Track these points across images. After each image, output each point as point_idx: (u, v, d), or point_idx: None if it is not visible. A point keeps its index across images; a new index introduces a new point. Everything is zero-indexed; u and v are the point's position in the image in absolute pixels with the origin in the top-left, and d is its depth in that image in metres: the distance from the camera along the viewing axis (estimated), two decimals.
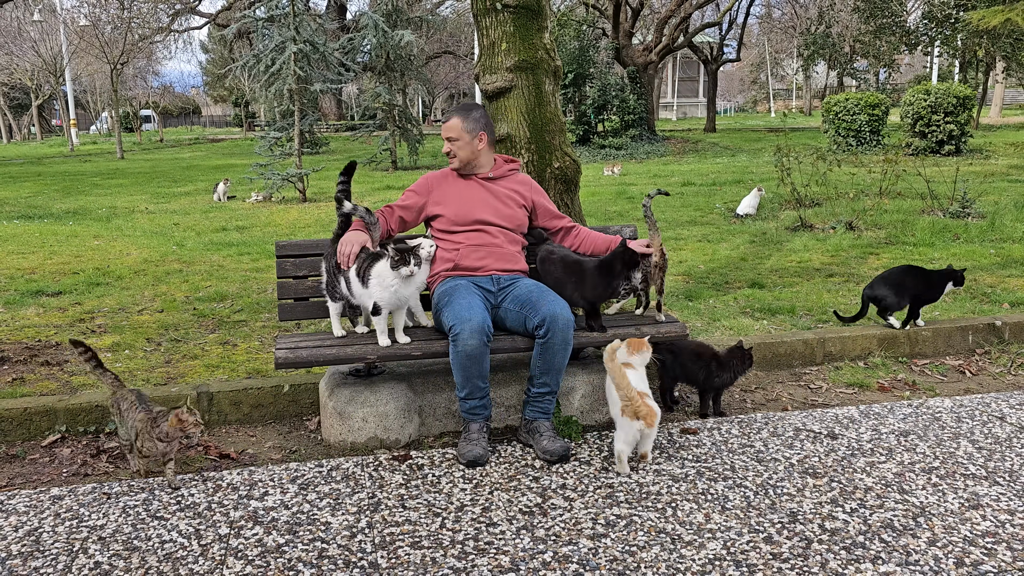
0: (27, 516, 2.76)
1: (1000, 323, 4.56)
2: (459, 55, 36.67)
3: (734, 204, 9.50)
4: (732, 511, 2.72)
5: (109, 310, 5.27)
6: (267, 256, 7.02)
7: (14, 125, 42.68)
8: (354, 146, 23.81)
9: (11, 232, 8.89)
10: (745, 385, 4.04)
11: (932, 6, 22.17)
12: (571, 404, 3.51)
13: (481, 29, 4.41)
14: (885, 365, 4.28)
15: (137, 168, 19.72)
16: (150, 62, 42.10)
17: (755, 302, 5.11)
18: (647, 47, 22.76)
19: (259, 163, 12.70)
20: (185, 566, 2.44)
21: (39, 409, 3.42)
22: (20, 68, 35.95)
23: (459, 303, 3.14)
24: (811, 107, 44.46)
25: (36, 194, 13.63)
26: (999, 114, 36.10)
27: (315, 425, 3.55)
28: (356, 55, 18.53)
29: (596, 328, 3.38)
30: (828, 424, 3.48)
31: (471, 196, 3.45)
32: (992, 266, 6.10)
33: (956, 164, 10.72)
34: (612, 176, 14.12)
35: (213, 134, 41.73)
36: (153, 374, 3.96)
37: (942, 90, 15.81)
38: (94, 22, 27.14)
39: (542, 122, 4.35)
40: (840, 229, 7.70)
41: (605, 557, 2.45)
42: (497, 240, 3.42)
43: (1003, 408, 3.66)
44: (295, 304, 3.54)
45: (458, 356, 3.08)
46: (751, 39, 46.21)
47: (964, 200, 8.29)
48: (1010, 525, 2.62)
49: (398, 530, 2.63)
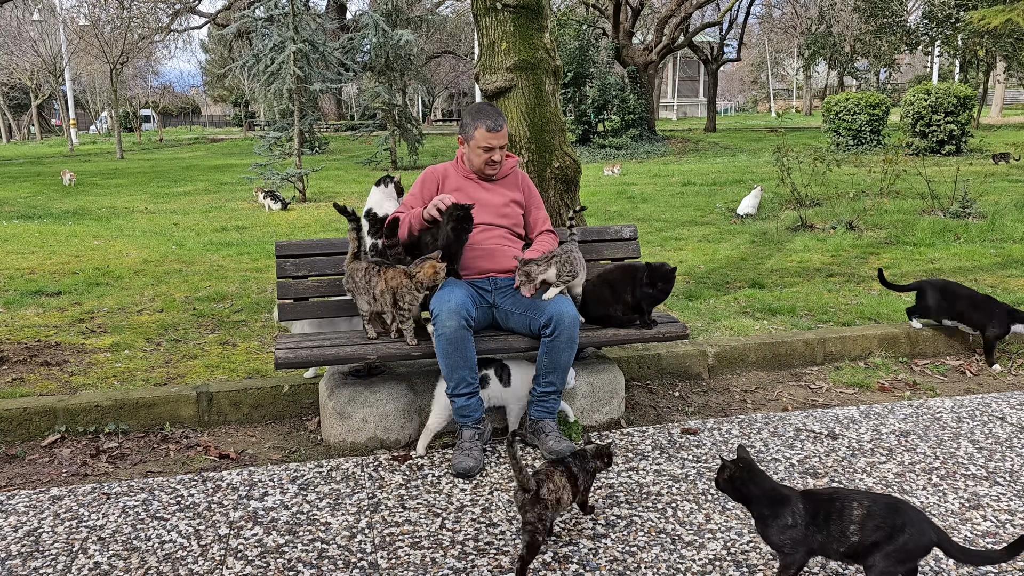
0: (27, 516, 2.75)
1: None
2: (459, 55, 36.66)
3: (734, 204, 9.49)
4: (732, 511, 2.72)
5: (109, 310, 5.27)
6: (267, 256, 7.01)
7: (14, 125, 42.69)
8: (354, 146, 23.79)
9: (11, 232, 8.89)
10: (746, 385, 4.04)
11: (933, 6, 22.17)
12: (571, 404, 3.50)
13: (481, 29, 4.40)
14: (885, 365, 4.28)
15: (137, 168, 19.72)
16: (150, 62, 42.07)
17: (755, 302, 5.11)
18: (647, 47, 22.75)
19: (259, 163, 12.70)
20: (185, 566, 2.44)
21: (39, 409, 3.42)
22: (20, 68, 35.96)
23: (442, 292, 3.17)
24: (811, 107, 44.46)
25: (36, 194, 13.63)
26: (999, 114, 36.10)
27: (315, 425, 3.55)
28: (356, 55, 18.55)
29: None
30: (828, 424, 3.47)
31: (473, 198, 3.43)
32: (993, 266, 6.10)
33: (956, 164, 10.71)
34: (612, 176, 14.12)
35: (213, 134, 41.73)
36: (153, 374, 3.95)
37: (942, 90, 15.81)
38: (94, 22, 27.12)
39: (542, 122, 4.34)
40: (840, 229, 7.69)
41: (605, 557, 2.45)
42: (497, 242, 3.41)
43: (1003, 408, 3.65)
44: (295, 304, 3.53)
45: (439, 341, 3.08)
46: (751, 39, 46.21)
47: (964, 200, 8.28)
48: (1010, 525, 2.62)
49: (398, 530, 2.63)
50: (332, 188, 13.59)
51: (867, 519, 2.07)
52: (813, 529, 2.11)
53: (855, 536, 2.07)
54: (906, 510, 2.09)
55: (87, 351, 4.36)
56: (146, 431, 3.49)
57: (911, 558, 2.08)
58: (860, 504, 2.10)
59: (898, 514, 2.07)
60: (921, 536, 2.04)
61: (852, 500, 2.11)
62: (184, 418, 3.55)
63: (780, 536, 2.14)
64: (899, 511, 2.08)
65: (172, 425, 3.53)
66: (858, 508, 2.09)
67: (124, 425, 3.47)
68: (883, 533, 2.04)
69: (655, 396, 3.90)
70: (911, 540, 2.03)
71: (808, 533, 2.11)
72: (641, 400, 3.84)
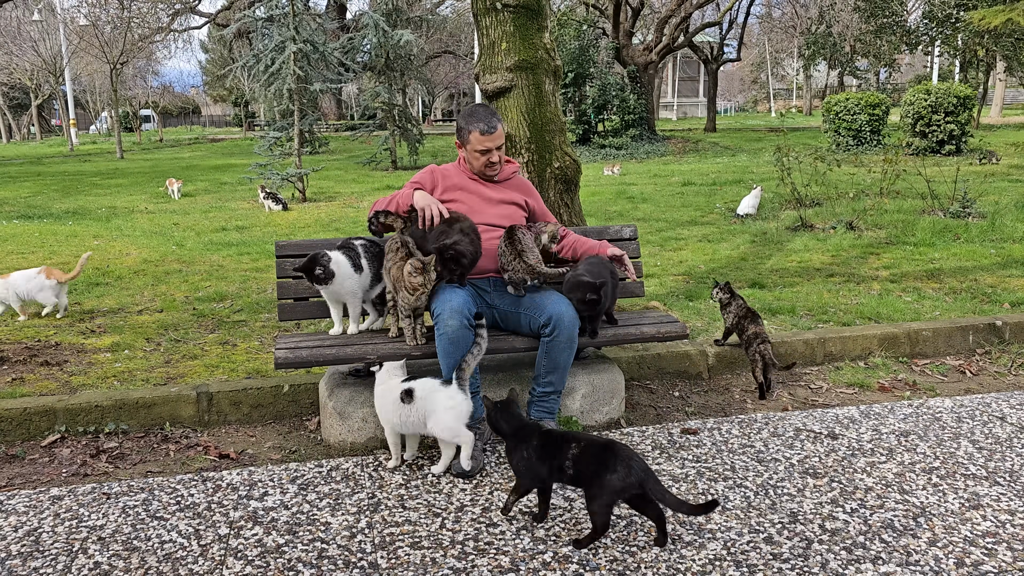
0: (27, 516, 2.75)
1: (1001, 323, 4.56)
2: (459, 55, 36.65)
3: (734, 204, 9.49)
4: (732, 511, 2.72)
5: (109, 310, 5.27)
6: (267, 256, 7.01)
7: (14, 125, 42.69)
8: (354, 146, 23.79)
9: (11, 232, 8.89)
10: (746, 385, 4.04)
11: (933, 6, 22.17)
12: (571, 404, 3.50)
13: (481, 29, 4.40)
14: (885, 365, 4.28)
15: (137, 168, 19.71)
16: (150, 62, 42.06)
17: (756, 302, 5.10)
18: (647, 47, 22.75)
19: (259, 163, 12.70)
20: (185, 566, 2.44)
21: (39, 409, 3.42)
22: (20, 68, 35.94)
23: (444, 292, 3.17)
24: (811, 107, 44.45)
25: (36, 194, 13.63)
26: (999, 114, 36.09)
27: (315, 425, 3.55)
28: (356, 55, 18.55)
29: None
30: (828, 424, 3.47)
31: (475, 199, 3.43)
32: (993, 266, 6.10)
33: (956, 164, 10.71)
34: (612, 176, 14.12)
35: (213, 134, 41.72)
36: (153, 374, 3.95)
37: (943, 90, 15.81)
38: (94, 22, 27.10)
39: (542, 122, 4.34)
40: (840, 229, 7.69)
41: (605, 557, 2.45)
42: (497, 242, 3.41)
43: (1003, 408, 3.65)
44: (295, 304, 3.53)
45: (441, 340, 3.07)
46: (751, 39, 46.20)
47: (964, 200, 8.28)
48: (1010, 525, 2.62)
49: (398, 530, 2.63)
50: (332, 188, 13.59)
51: (579, 457, 2.47)
52: (540, 462, 2.56)
53: (571, 470, 2.49)
54: (618, 452, 2.44)
55: (87, 351, 4.36)
56: (146, 431, 3.49)
57: (617, 493, 2.43)
58: (577, 444, 2.50)
59: (607, 455, 2.44)
60: (627, 476, 2.39)
61: (571, 441, 2.53)
62: (184, 418, 3.55)
63: (517, 463, 2.62)
64: (609, 453, 2.44)
65: (172, 425, 3.53)
66: (574, 448, 2.50)
67: (124, 425, 3.47)
68: (592, 470, 2.44)
69: (655, 396, 3.90)
70: (616, 478, 2.40)
71: (537, 464, 2.56)
72: (641, 400, 3.84)
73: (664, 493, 2.44)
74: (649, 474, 2.42)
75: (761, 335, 3.87)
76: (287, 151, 13.48)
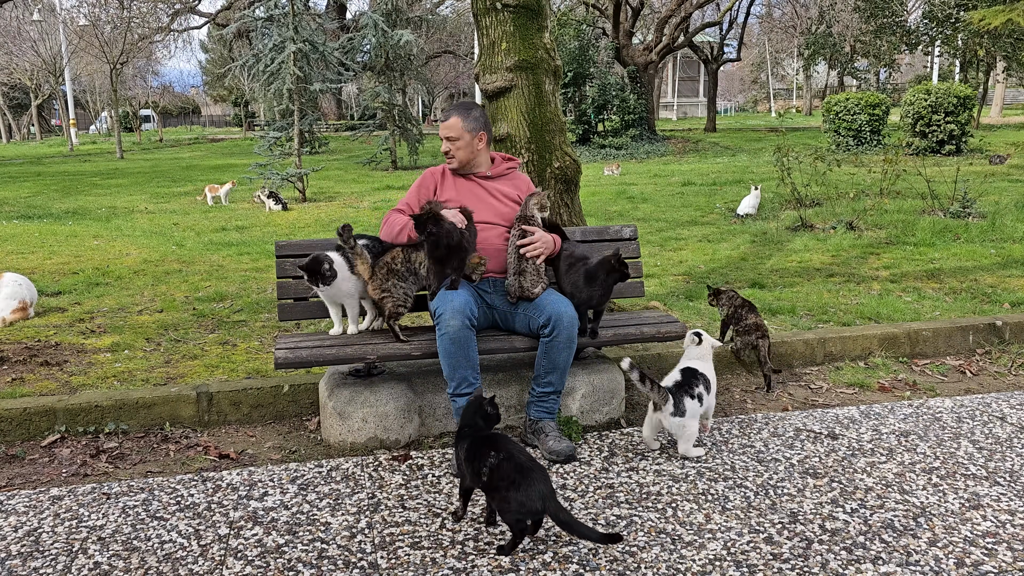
0: (27, 516, 2.75)
1: (1001, 323, 4.56)
2: (459, 55, 36.65)
3: (734, 204, 9.49)
4: (732, 511, 2.72)
5: (109, 310, 5.26)
6: (267, 256, 7.01)
7: (14, 125, 42.68)
8: (354, 146, 23.80)
9: (11, 232, 8.89)
10: (746, 385, 4.04)
11: (933, 6, 22.17)
12: (571, 404, 3.50)
13: (481, 29, 4.40)
14: (885, 365, 4.28)
15: (137, 168, 19.72)
16: (150, 62, 42.04)
17: (756, 302, 5.09)
18: (647, 47, 22.75)
19: (259, 163, 12.70)
20: (185, 566, 2.44)
21: (39, 409, 3.42)
22: (20, 68, 35.93)
23: (445, 292, 3.17)
24: (811, 107, 44.45)
25: (36, 194, 13.63)
26: (999, 114, 36.10)
27: (315, 425, 3.55)
28: (356, 55, 18.56)
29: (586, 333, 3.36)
30: (828, 424, 3.47)
31: (470, 196, 3.43)
32: (993, 266, 6.10)
33: (957, 164, 10.71)
34: (612, 176, 14.12)
35: (213, 134, 41.73)
36: (153, 374, 3.95)
37: (942, 90, 15.81)
38: (93, 22, 27.12)
39: (542, 122, 4.34)
40: (840, 229, 7.69)
41: (605, 557, 2.45)
42: (496, 241, 3.41)
43: (1004, 408, 3.65)
44: (295, 304, 3.53)
45: (443, 341, 3.07)
46: (751, 39, 46.17)
47: (965, 200, 8.28)
48: (1010, 525, 2.62)
49: (398, 530, 2.63)
50: (332, 188, 13.59)
51: (495, 469, 2.46)
52: (467, 464, 2.56)
53: (485, 478, 2.48)
54: (531, 476, 2.42)
55: (87, 351, 4.36)
56: (146, 431, 3.49)
57: (519, 513, 2.43)
58: (497, 456, 2.47)
59: (518, 475, 2.42)
60: (529, 502, 2.40)
61: (491, 449, 2.50)
62: (184, 418, 3.55)
63: (456, 463, 2.67)
64: (519, 474, 2.42)
65: (172, 425, 3.53)
66: (493, 458, 2.47)
67: (124, 425, 3.47)
68: (503, 484, 2.43)
69: None
70: (521, 499, 2.40)
71: (464, 464, 2.58)
72: (641, 400, 3.84)
73: (571, 523, 2.42)
74: (550, 501, 2.41)
75: (761, 327, 3.90)
76: (287, 151, 13.48)
